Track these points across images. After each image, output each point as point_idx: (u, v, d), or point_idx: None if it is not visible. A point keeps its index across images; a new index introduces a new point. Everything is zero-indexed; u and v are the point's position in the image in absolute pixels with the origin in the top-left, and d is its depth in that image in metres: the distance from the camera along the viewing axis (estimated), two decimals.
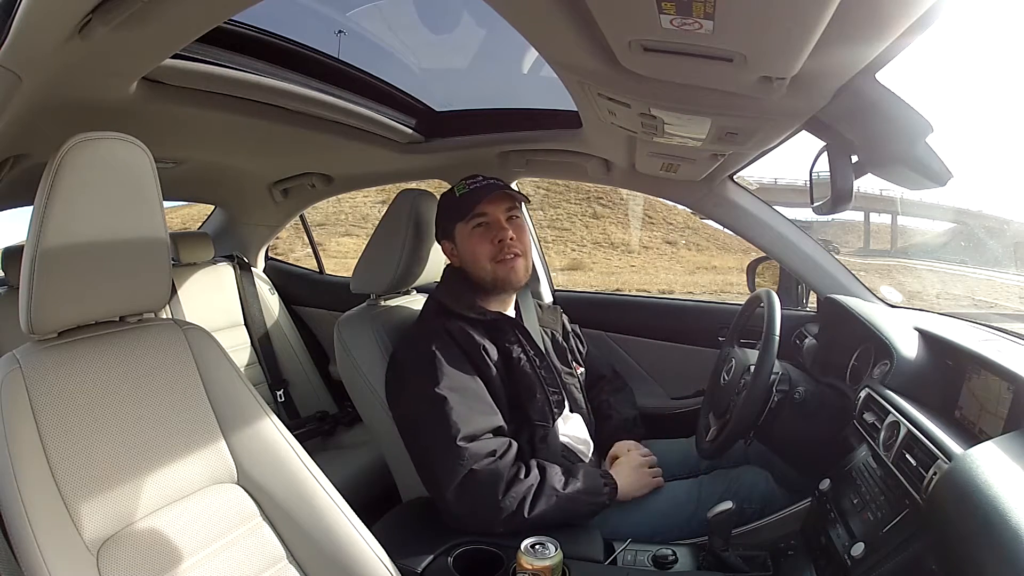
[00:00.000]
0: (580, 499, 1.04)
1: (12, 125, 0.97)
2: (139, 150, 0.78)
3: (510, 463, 1.02)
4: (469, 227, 1.16)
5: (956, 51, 23.18)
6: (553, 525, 0.99)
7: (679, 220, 14.90)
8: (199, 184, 1.96)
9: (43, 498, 0.69)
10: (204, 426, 0.86)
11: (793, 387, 1.10)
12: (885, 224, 15.44)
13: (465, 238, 1.17)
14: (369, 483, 1.56)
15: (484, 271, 1.16)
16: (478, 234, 1.16)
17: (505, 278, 1.16)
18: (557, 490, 1.02)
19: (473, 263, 1.16)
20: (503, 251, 1.15)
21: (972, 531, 0.60)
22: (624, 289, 10.48)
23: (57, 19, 0.71)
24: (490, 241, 1.15)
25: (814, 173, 1.06)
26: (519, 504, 0.98)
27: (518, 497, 0.99)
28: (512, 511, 0.98)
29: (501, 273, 1.15)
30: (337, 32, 1.21)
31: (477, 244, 1.15)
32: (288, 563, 0.85)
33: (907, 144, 0.85)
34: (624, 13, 0.64)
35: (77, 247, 0.73)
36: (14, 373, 0.73)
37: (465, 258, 1.18)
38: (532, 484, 1.01)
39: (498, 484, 0.98)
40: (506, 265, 1.15)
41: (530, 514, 0.99)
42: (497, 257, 1.15)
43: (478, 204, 1.14)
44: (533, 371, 1.14)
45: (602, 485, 1.08)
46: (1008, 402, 0.80)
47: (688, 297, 1.63)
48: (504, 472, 0.99)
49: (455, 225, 1.18)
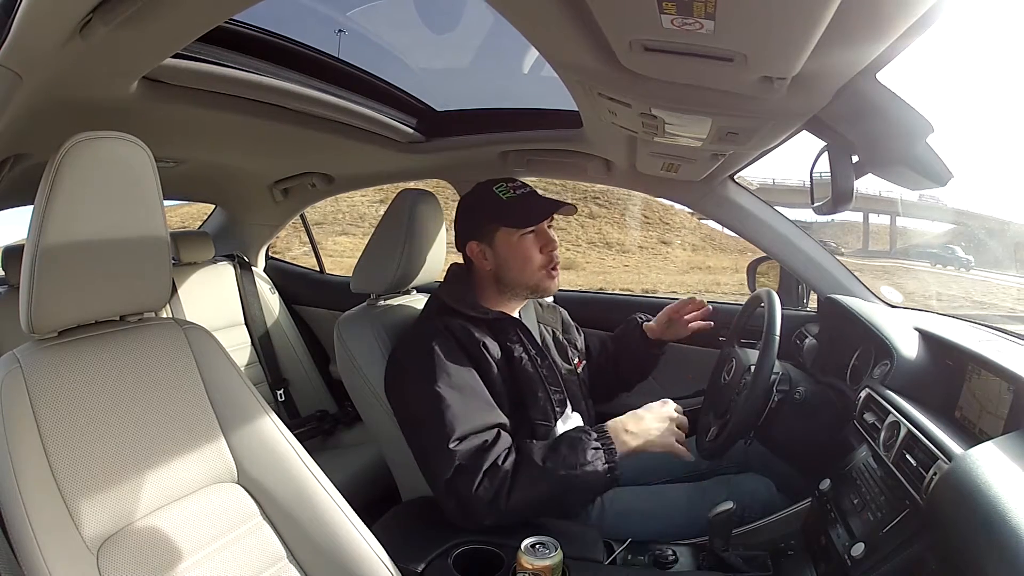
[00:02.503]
0: (567, 467, 0.96)
1: (13, 124, 0.97)
2: (139, 149, 0.78)
3: (495, 454, 0.98)
4: (518, 235, 1.15)
5: (957, 52, 23.18)
6: (542, 507, 0.98)
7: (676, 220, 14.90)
8: (200, 183, 1.96)
9: (43, 497, 0.69)
10: (204, 425, 0.86)
11: (793, 387, 1.10)
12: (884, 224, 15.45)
13: (511, 245, 1.15)
14: (369, 483, 1.56)
15: (532, 278, 1.16)
16: (528, 241, 1.15)
17: (548, 288, 1.18)
18: (537, 465, 0.97)
19: (519, 270, 1.15)
20: (552, 262, 1.16)
21: (972, 531, 0.60)
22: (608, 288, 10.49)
23: (58, 19, 0.71)
24: (541, 250, 1.16)
25: (815, 173, 1.06)
26: (496, 492, 0.95)
27: (494, 485, 0.95)
28: (489, 500, 0.95)
29: (546, 283, 1.17)
30: (337, 31, 1.21)
31: (530, 251, 1.15)
32: (288, 563, 0.85)
33: (907, 144, 0.85)
34: (625, 13, 0.64)
35: (77, 246, 0.73)
36: (14, 372, 0.73)
37: (507, 263, 1.16)
38: (508, 469, 0.97)
39: (475, 475, 0.96)
40: (553, 276, 1.17)
41: (510, 499, 0.95)
42: (546, 267, 1.16)
43: (544, 219, 1.15)
44: (535, 370, 1.14)
45: (592, 441, 0.99)
46: (1008, 402, 0.80)
47: (673, 297, 1.65)
48: (484, 463, 0.96)
49: (499, 228, 1.15)
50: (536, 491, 0.96)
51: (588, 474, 0.96)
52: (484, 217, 1.17)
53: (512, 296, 1.20)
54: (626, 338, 1.41)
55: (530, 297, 1.23)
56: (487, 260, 1.17)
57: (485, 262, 1.17)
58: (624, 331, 1.43)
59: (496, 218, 1.15)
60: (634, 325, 1.40)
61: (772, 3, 0.55)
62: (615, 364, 1.41)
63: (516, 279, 1.16)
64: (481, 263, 1.18)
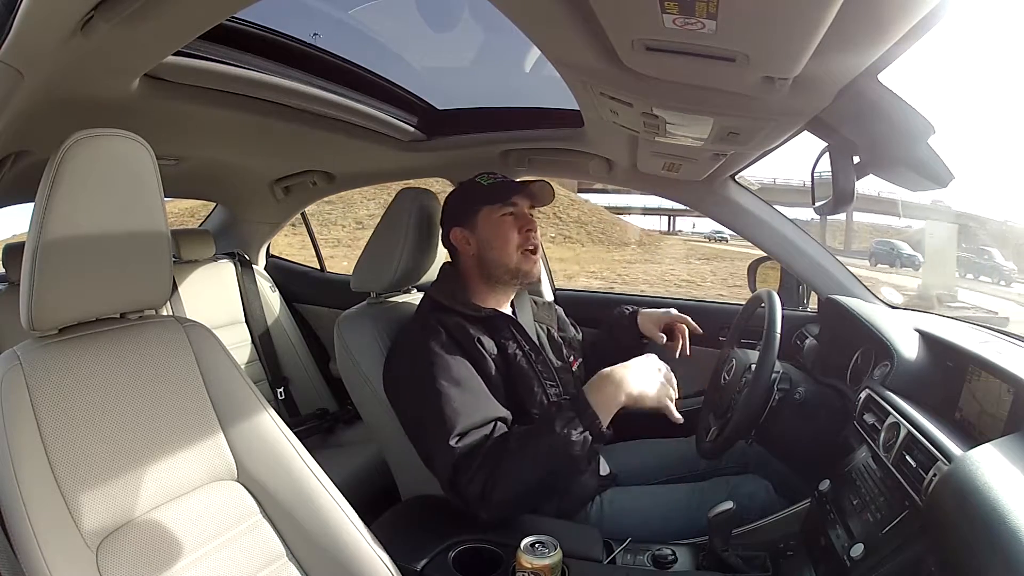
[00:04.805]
0: (543, 442, 0.94)
1: (14, 121, 0.97)
2: (141, 147, 0.78)
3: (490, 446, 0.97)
4: (498, 214, 1.17)
5: (958, 52, 23.16)
6: (532, 492, 0.97)
7: (573, 215, 14.52)
8: (201, 181, 1.95)
9: (42, 494, 0.69)
10: (204, 423, 0.86)
11: (793, 387, 1.10)
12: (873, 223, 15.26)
13: (494, 224, 1.17)
14: (369, 481, 1.56)
15: (509, 259, 1.16)
16: (508, 222, 1.17)
17: (528, 271, 1.18)
18: (511, 448, 0.95)
19: (499, 249, 1.16)
20: (529, 242, 1.17)
21: (972, 533, 0.60)
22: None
23: (59, 16, 0.71)
24: (519, 230, 1.16)
25: (816, 173, 1.06)
26: (483, 484, 0.94)
27: (481, 478, 0.94)
28: (479, 494, 0.94)
29: (525, 265, 1.17)
30: (312, 35, 1.20)
31: (508, 230, 1.16)
32: (288, 561, 0.85)
33: (909, 145, 0.85)
34: (627, 12, 0.64)
35: (78, 244, 0.73)
36: (14, 370, 0.73)
37: (489, 243, 1.17)
38: (492, 460, 0.95)
39: (469, 470, 0.95)
40: (530, 258, 1.17)
41: (496, 490, 0.93)
42: (524, 247, 1.17)
43: (516, 194, 1.17)
44: (529, 366, 1.15)
45: (566, 410, 0.96)
46: (1008, 404, 0.80)
47: (677, 297, 1.63)
48: (478, 455, 0.96)
49: (481, 208, 1.17)
50: (520, 475, 0.94)
51: (567, 444, 0.93)
52: (467, 202, 1.21)
53: (498, 285, 1.20)
54: (615, 329, 1.40)
55: (513, 284, 1.21)
56: (470, 245, 1.19)
57: (468, 247, 1.19)
58: (615, 321, 1.41)
59: (477, 199, 1.19)
60: (624, 316, 1.39)
61: (774, 4, 0.55)
62: (602, 355, 1.39)
63: (496, 260, 1.17)
64: (464, 249, 1.20)
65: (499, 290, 1.21)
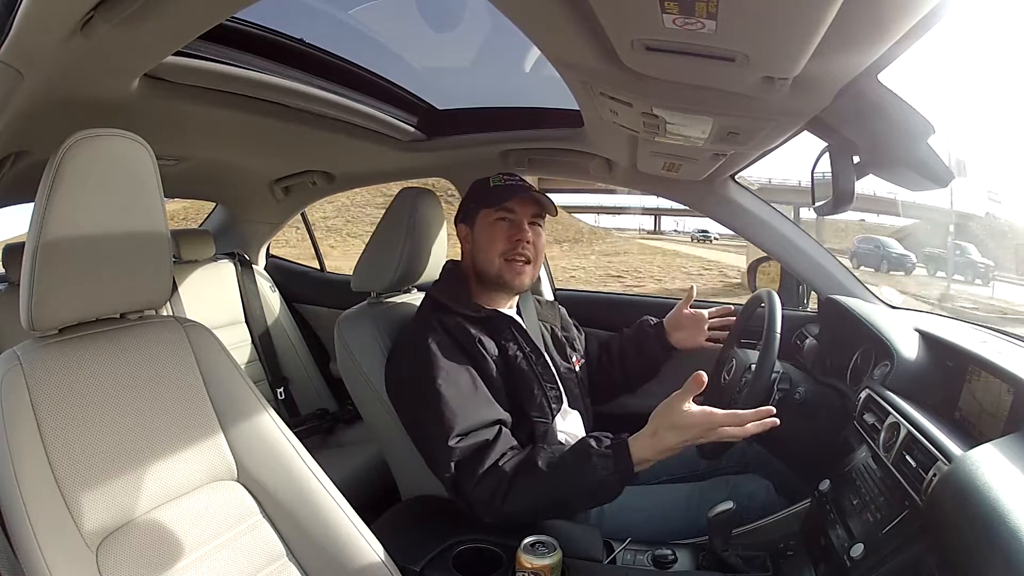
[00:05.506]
0: (571, 475, 0.94)
1: (14, 122, 0.97)
2: (140, 147, 0.78)
3: (496, 453, 0.98)
4: (493, 217, 1.17)
5: (959, 52, 23.15)
6: (543, 510, 0.98)
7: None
8: (200, 181, 1.95)
9: (43, 495, 0.69)
10: (204, 423, 0.86)
11: (793, 387, 1.10)
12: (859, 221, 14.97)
13: (486, 226, 1.17)
14: (369, 481, 1.56)
15: (491, 264, 1.16)
16: (500, 227, 1.16)
17: (510, 280, 1.16)
18: (540, 470, 0.94)
19: (485, 252, 1.17)
20: (515, 250, 1.16)
21: (971, 532, 0.60)
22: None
23: (59, 16, 0.71)
24: (507, 237, 1.16)
25: (816, 174, 1.06)
26: (492, 492, 0.94)
27: (491, 486, 0.95)
28: (486, 500, 0.95)
29: (507, 273, 1.16)
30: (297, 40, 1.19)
31: (496, 235, 1.16)
32: (288, 560, 0.85)
33: (909, 145, 0.85)
34: (627, 12, 0.63)
35: (78, 244, 0.73)
36: (14, 370, 0.73)
37: (479, 245, 1.18)
38: (508, 472, 0.95)
39: (474, 474, 0.96)
40: (514, 267, 1.16)
41: (507, 501, 0.94)
42: (508, 255, 1.16)
43: (511, 199, 1.16)
44: (530, 367, 1.15)
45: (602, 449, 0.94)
46: (1008, 404, 0.80)
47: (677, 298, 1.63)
48: (484, 462, 0.96)
49: (480, 209, 1.18)
50: (536, 496, 0.96)
51: (592, 484, 0.93)
52: (473, 200, 1.21)
53: (490, 290, 1.19)
54: (640, 338, 1.39)
55: (502, 291, 1.19)
56: (468, 243, 1.21)
57: (467, 245, 1.21)
58: (639, 331, 1.41)
59: (479, 199, 1.19)
60: (649, 326, 1.39)
61: (774, 4, 0.55)
62: (621, 364, 1.40)
63: (483, 262, 1.17)
64: (464, 246, 1.22)
65: (492, 293, 1.20)
